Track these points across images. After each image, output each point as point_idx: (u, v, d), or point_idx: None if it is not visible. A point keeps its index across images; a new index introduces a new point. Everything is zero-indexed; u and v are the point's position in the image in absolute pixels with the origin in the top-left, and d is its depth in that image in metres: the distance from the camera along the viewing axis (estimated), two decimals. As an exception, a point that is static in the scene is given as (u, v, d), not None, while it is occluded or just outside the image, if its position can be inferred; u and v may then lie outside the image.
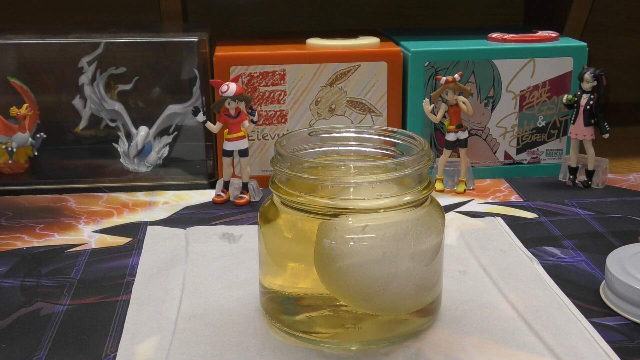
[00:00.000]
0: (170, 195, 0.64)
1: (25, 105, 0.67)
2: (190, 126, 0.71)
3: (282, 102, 0.65)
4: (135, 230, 0.56)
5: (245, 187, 0.62)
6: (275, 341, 0.39)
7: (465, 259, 0.50)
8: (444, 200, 0.62)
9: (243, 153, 0.61)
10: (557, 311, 0.42)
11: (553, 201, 0.62)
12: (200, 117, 0.61)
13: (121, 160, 0.69)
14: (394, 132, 0.43)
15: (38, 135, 0.68)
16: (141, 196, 0.64)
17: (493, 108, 0.67)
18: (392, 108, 0.66)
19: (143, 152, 0.69)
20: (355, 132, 0.44)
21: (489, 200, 0.62)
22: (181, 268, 0.48)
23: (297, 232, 0.38)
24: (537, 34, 0.69)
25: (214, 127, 0.62)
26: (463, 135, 0.64)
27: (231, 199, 0.63)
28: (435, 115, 0.64)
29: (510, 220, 0.57)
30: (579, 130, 0.64)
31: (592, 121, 0.64)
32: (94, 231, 0.56)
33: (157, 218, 0.59)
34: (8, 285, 0.47)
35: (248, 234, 0.54)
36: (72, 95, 0.70)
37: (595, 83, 0.63)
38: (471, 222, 0.56)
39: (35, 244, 0.53)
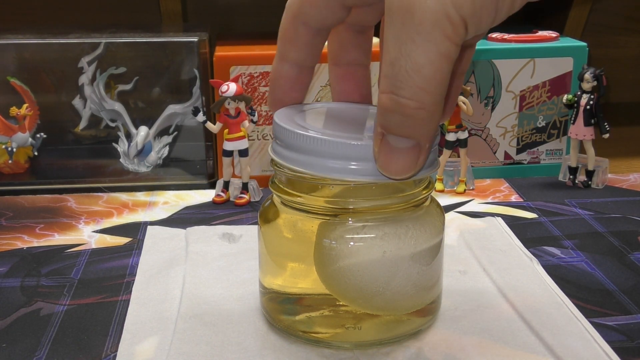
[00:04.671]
0: (170, 195, 0.64)
1: (25, 105, 0.67)
2: (190, 126, 0.71)
3: (282, 102, 0.65)
4: (135, 230, 0.56)
5: (245, 187, 0.62)
6: (275, 341, 0.39)
7: (465, 259, 0.50)
8: (444, 200, 0.62)
9: (243, 153, 0.61)
10: (557, 311, 0.42)
11: (553, 201, 0.62)
12: (200, 117, 0.61)
13: (121, 160, 0.69)
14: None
15: (38, 135, 0.68)
16: (141, 196, 0.64)
17: (493, 108, 0.67)
18: (392, 108, 0.66)
19: (143, 152, 0.69)
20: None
21: (489, 200, 0.62)
22: (181, 268, 0.48)
23: (297, 232, 0.38)
24: (537, 34, 0.69)
25: (214, 127, 0.62)
26: (463, 135, 0.64)
27: (231, 199, 0.63)
28: (435, 115, 0.64)
29: (510, 220, 0.57)
30: (579, 130, 0.64)
31: (592, 121, 0.63)
32: (94, 231, 0.56)
33: (157, 218, 0.59)
34: (8, 285, 0.47)
35: (248, 234, 0.54)
36: (72, 95, 0.70)
37: (595, 83, 0.63)
38: (471, 222, 0.56)
39: (35, 244, 0.53)
